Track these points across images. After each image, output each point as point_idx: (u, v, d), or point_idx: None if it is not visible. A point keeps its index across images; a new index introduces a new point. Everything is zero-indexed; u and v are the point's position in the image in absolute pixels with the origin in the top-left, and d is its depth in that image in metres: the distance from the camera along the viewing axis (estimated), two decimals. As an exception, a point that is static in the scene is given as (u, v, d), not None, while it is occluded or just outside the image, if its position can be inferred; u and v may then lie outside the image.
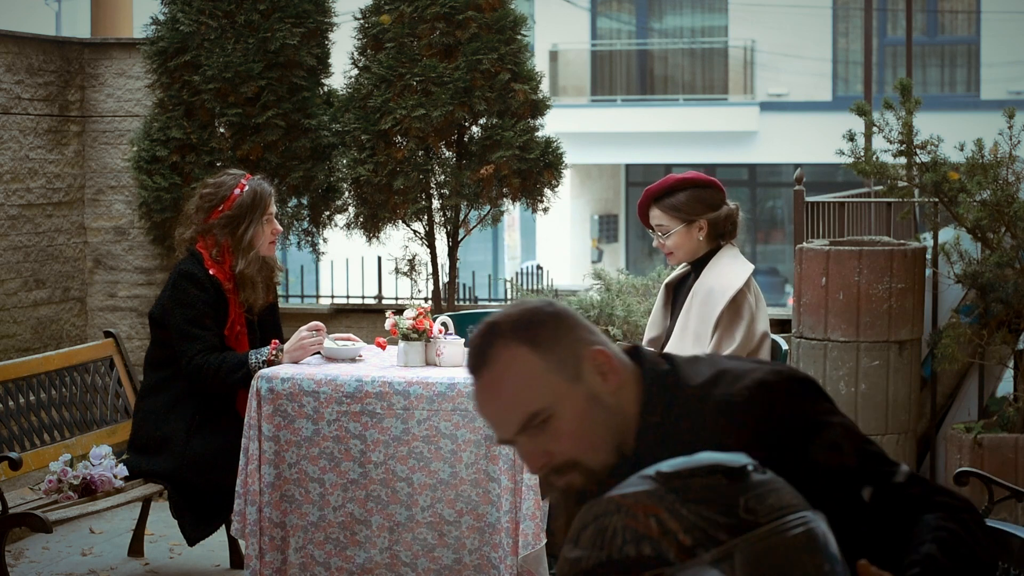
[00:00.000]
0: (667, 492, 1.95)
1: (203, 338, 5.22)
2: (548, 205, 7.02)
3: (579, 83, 23.46)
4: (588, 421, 2.35)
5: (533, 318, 2.39)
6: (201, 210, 5.38)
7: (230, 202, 5.35)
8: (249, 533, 4.90)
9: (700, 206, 5.00)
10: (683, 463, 1.99)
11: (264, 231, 5.39)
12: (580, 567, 1.96)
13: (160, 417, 5.34)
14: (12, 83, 6.84)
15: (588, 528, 1.98)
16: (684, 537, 1.90)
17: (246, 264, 5.33)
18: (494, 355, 2.35)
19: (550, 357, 2.35)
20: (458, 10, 6.73)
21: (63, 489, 5.28)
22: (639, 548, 1.92)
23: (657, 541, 1.91)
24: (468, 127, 6.93)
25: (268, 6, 6.83)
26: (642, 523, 1.92)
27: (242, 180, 5.40)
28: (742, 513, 1.92)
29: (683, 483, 1.95)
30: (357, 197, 6.96)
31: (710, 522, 1.91)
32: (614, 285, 7.00)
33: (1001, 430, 6.35)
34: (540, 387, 2.34)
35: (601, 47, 23.76)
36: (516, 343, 2.35)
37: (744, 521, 1.91)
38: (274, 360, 5.16)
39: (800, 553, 1.91)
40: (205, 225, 5.36)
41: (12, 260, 6.86)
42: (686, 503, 1.92)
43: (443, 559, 4.80)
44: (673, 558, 1.89)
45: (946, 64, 22.34)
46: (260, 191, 5.39)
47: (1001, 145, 6.42)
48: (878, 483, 2.36)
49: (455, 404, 4.77)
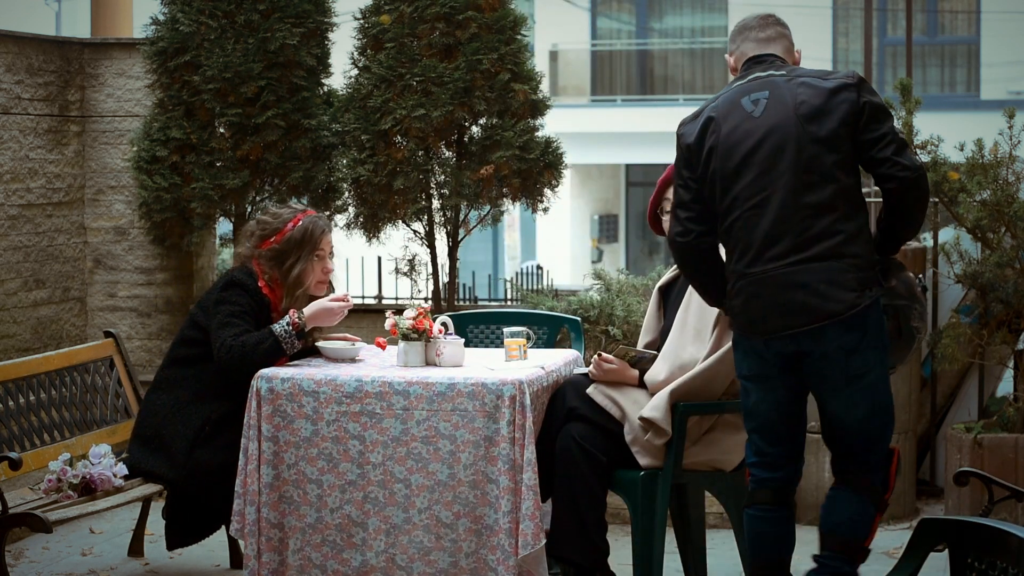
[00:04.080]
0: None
1: (240, 326, 5.16)
2: (548, 205, 7.02)
3: (579, 83, 23.46)
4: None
5: None
6: (255, 236, 5.34)
7: (281, 235, 5.29)
8: (248, 533, 4.90)
9: None
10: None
11: (314, 268, 5.30)
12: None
13: (169, 415, 5.31)
14: (12, 83, 6.84)
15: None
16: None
17: (292, 302, 5.25)
18: None
19: None
20: (458, 10, 6.73)
21: (63, 489, 5.28)
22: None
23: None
24: (468, 127, 6.93)
25: (268, 6, 6.83)
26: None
27: (299, 215, 5.34)
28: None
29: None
30: (357, 197, 6.96)
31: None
32: (614, 285, 7.00)
33: (1001, 430, 6.35)
34: None
35: (601, 47, 23.76)
36: None
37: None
38: (299, 324, 5.11)
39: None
40: (255, 252, 5.33)
41: (12, 260, 6.86)
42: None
43: (439, 563, 4.80)
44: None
45: (946, 64, 22.33)
46: (312, 228, 5.29)
47: (1001, 145, 6.43)
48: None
49: (455, 404, 4.77)
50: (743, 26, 4.70)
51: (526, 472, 4.69)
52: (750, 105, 4.49)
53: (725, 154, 4.47)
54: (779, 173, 4.41)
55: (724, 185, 4.47)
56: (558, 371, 5.14)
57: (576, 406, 4.96)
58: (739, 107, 4.50)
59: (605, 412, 4.93)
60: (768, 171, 4.42)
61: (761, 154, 4.43)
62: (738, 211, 4.45)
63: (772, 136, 4.42)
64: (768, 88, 4.49)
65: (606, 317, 6.66)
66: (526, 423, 4.71)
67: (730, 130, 4.48)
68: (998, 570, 2.83)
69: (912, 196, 4.44)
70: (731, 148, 4.47)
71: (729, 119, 4.50)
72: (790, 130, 4.41)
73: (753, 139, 4.45)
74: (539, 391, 4.91)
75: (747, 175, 4.45)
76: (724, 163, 4.47)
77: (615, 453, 4.91)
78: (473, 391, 4.76)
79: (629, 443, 4.89)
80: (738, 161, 4.46)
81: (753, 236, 4.42)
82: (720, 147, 4.48)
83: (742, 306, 4.46)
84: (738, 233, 4.45)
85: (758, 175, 4.43)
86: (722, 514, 6.25)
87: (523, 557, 4.71)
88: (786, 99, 4.45)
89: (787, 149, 4.40)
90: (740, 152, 4.46)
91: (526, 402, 4.73)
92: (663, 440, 4.85)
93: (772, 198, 4.41)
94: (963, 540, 2.94)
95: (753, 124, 4.46)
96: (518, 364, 5.04)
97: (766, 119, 4.45)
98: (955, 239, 6.78)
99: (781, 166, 4.41)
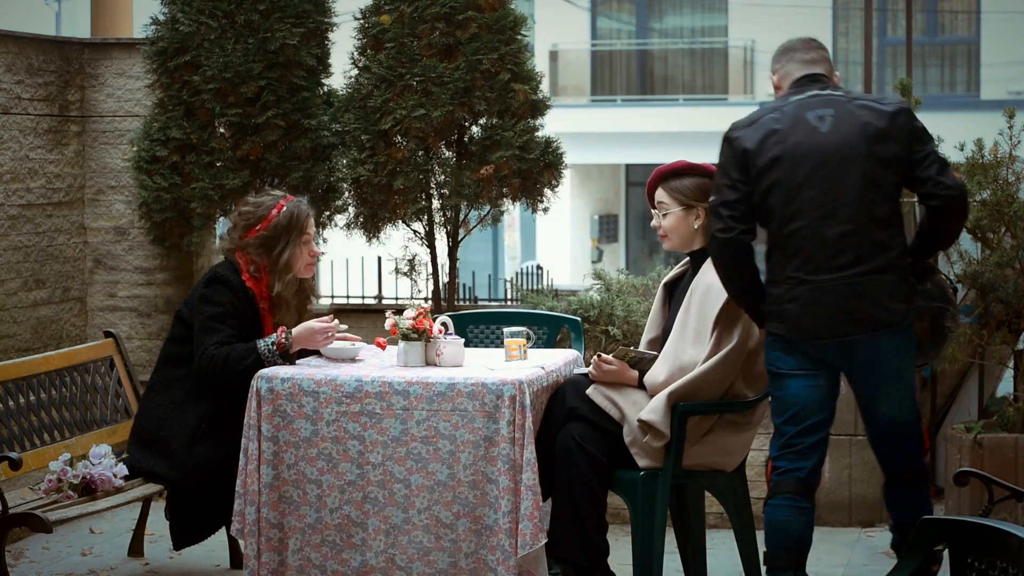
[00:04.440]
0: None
1: (222, 332, 5.20)
2: (548, 205, 7.02)
3: (579, 83, 23.46)
4: None
5: None
6: (238, 227, 5.37)
7: (267, 223, 5.33)
8: (248, 533, 4.90)
9: (701, 194, 5.02)
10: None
11: (302, 253, 5.36)
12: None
13: (165, 415, 5.33)
14: (12, 83, 6.84)
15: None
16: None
17: (283, 286, 5.31)
18: None
19: None
20: (458, 10, 6.73)
21: (63, 489, 5.28)
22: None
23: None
24: (468, 127, 6.93)
25: (268, 6, 6.83)
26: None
27: (281, 201, 5.38)
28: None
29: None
30: (357, 197, 6.96)
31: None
32: (614, 285, 7.00)
33: (1001, 430, 6.35)
34: None
35: (601, 47, 23.76)
36: None
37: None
38: (284, 344, 5.14)
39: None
40: (240, 243, 5.35)
41: (12, 260, 6.86)
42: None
43: (439, 563, 4.79)
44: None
45: (946, 64, 22.33)
46: (297, 213, 5.36)
47: (1001, 145, 6.43)
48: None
49: (455, 404, 4.77)
50: (788, 47, 4.98)
51: (526, 472, 4.69)
52: (816, 120, 4.77)
53: (792, 165, 4.73)
54: (847, 188, 4.71)
55: (789, 195, 4.73)
56: (558, 371, 5.14)
57: (576, 406, 4.96)
58: (804, 121, 4.77)
59: (605, 413, 4.93)
60: (835, 185, 4.71)
61: (828, 168, 4.72)
62: (803, 220, 4.71)
63: (840, 152, 4.72)
64: (832, 106, 4.79)
65: (606, 317, 6.66)
66: (526, 423, 4.71)
67: (797, 142, 4.74)
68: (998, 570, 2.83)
69: (955, 213, 4.81)
70: (799, 160, 4.73)
71: (795, 132, 4.76)
72: (859, 148, 4.72)
73: (821, 153, 4.72)
74: (539, 391, 4.91)
75: (814, 187, 4.71)
76: (791, 174, 4.73)
77: (615, 453, 4.91)
78: (473, 391, 4.76)
79: (628, 444, 4.89)
80: (806, 173, 4.72)
81: (819, 245, 4.70)
82: (787, 158, 4.73)
83: (799, 311, 4.72)
84: (801, 241, 4.72)
85: (826, 188, 4.71)
86: (722, 514, 6.25)
87: (523, 557, 4.71)
88: (852, 119, 4.75)
89: (854, 166, 4.71)
90: (808, 164, 4.72)
91: (526, 402, 4.73)
92: (662, 443, 4.85)
93: (839, 211, 4.70)
94: (963, 540, 2.94)
95: (821, 139, 4.74)
96: (518, 364, 5.04)
97: (833, 136, 4.74)
98: (955, 239, 6.78)
99: (849, 181, 4.71)
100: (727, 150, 4.81)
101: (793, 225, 4.73)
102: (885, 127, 4.73)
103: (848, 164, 4.72)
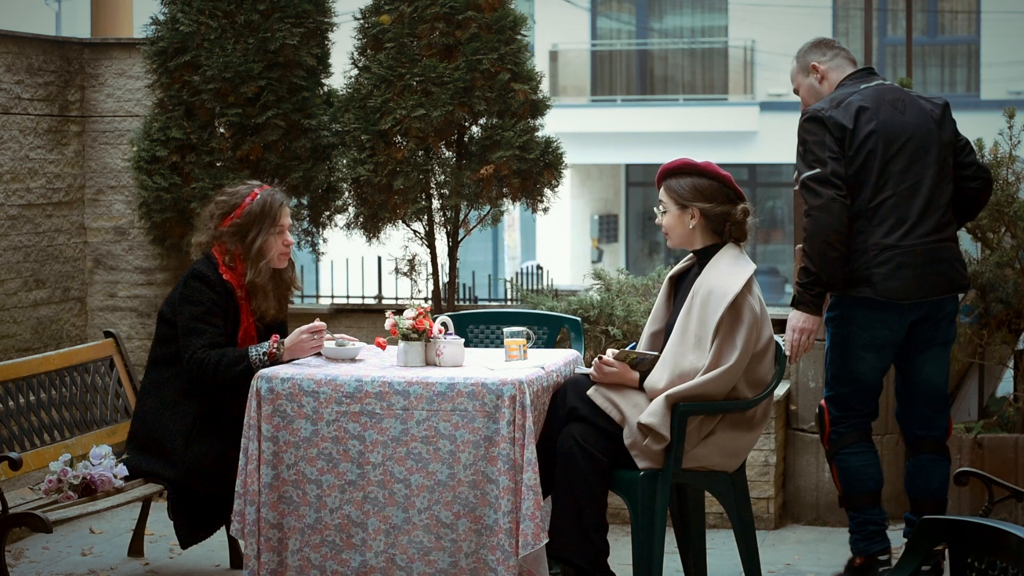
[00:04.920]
0: None
1: (208, 333, 5.23)
2: (548, 205, 7.02)
3: (579, 83, 23.46)
4: None
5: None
6: (214, 217, 5.41)
7: (240, 210, 5.37)
8: (248, 533, 4.90)
9: (696, 195, 5.02)
10: None
11: (275, 242, 5.38)
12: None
13: (159, 417, 5.34)
14: (12, 83, 6.84)
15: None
16: None
17: (256, 274, 5.34)
18: None
19: None
20: (458, 10, 6.73)
21: (63, 489, 5.28)
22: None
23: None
24: (468, 127, 6.93)
25: (268, 6, 6.83)
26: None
27: (255, 190, 5.42)
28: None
29: None
30: (357, 197, 6.96)
31: None
32: (614, 285, 7.00)
33: (1001, 430, 6.35)
34: None
35: (601, 47, 23.76)
36: None
37: None
38: (275, 354, 5.16)
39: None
40: (216, 232, 5.38)
41: (12, 260, 6.86)
42: None
43: (439, 563, 4.79)
44: None
45: (946, 64, 22.33)
46: (270, 201, 5.39)
47: (1001, 145, 6.42)
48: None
49: (455, 404, 4.77)
50: (824, 42, 5.61)
51: (526, 472, 4.69)
52: (894, 104, 5.37)
53: (886, 139, 5.29)
54: (926, 164, 5.32)
55: (881, 166, 5.28)
56: (558, 371, 5.13)
57: (576, 406, 4.96)
58: (886, 104, 5.36)
59: (605, 414, 4.93)
60: (917, 161, 5.31)
61: (912, 146, 5.31)
62: (891, 190, 5.27)
63: (919, 134, 5.33)
64: (902, 95, 5.41)
65: (606, 317, 6.66)
66: (526, 423, 4.71)
67: (886, 119, 5.32)
68: (998, 570, 2.83)
69: (988, 193, 5.56)
70: (891, 135, 5.30)
71: (882, 111, 5.33)
72: (932, 133, 5.35)
73: (906, 133, 5.32)
74: (539, 391, 4.91)
75: (901, 161, 5.29)
76: (885, 147, 5.29)
77: (615, 453, 4.90)
78: (473, 391, 4.76)
79: (628, 447, 4.88)
80: (897, 148, 5.30)
81: (908, 213, 5.26)
82: (881, 132, 5.29)
83: (889, 274, 5.23)
84: (889, 210, 5.26)
85: (910, 163, 5.30)
86: (722, 514, 6.25)
87: (523, 557, 4.71)
88: (919, 107, 5.39)
89: (931, 146, 5.34)
90: (898, 140, 5.30)
91: (526, 402, 4.73)
92: (662, 446, 4.84)
93: (922, 184, 5.30)
94: (963, 540, 2.94)
95: (903, 120, 5.34)
96: (518, 364, 5.04)
97: (911, 119, 5.34)
98: (955, 239, 6.78)
99: (927, 159, 5.32)
100: (819, 129, 5.28)
101: (882, 195, 5.25)
102: (942, 117, 5.40)
103: (927, 143, 5.33)
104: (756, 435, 5.06)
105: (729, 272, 4.95)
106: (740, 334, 4.87)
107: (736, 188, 5.06)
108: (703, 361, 4.86)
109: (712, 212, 5.01)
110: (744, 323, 4.88)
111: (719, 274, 4.96)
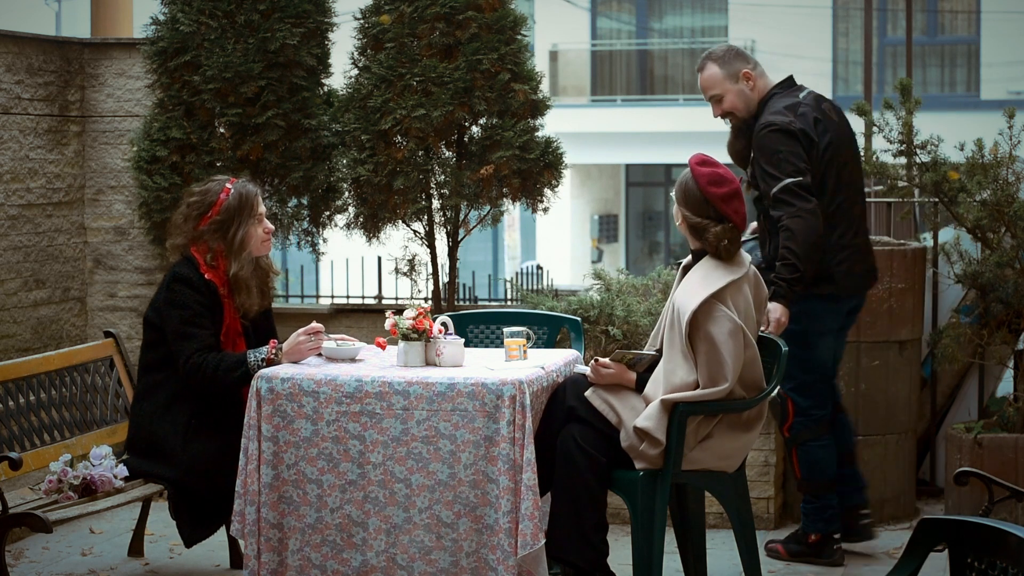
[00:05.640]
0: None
1: (200, 337, 5.23)
2: (548, 205, 7.02)
3: (579, 83, 23.46)
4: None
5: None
6: (190, 219, 5.41)
7: (218, 207, 5.37)
8: (248, 533, 4.90)
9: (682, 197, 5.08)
10: None
11: (255, 231, 5.40)
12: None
13: (155, 420, 5.34)
14: (12, 83, 6.84)
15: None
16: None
17: (240, 266, 5.35)
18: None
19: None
20: (458, 10, 6.73)
21: (63, 489, 5.28)
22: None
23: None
24: (468, 127, 6.93)
25: (268, 6, 6.83)
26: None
27: (227, 184, 5.42)
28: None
29: None
30: (357, 197, 6.96)
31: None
32: (614, 285, 7.00)
33: (1001, 430, 6.35)
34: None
35: (601, 47, 23.76)
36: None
37: None
38: (273, 359, 5.16)
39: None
40: (196, 232, 5.38)
41: (12, 260, 6.86)
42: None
43: (440, 562, 4.79)
44: None
45: (946, 64, 22.33)
46: (246, 193, 5.40)
47: (1001, 145, 6.42)
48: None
49: (455, 404, 4.77)
50: (741, 51, 5.99)
51: (526, 472, 4.69)
52: (832, 112, 5.82)
53: (838, 147, 5.75)
54: (859, 167, 5.91)
55: (837, 172, 5.74)
56: (558, 371, 5.14)
57: (575, 406, 4.96)
58: (830, 113, 5.81)
59: (603, 415, 4.92)
60: (856, 164, 5.86)
61: (851, 151, 5.84)
62: (844, 194, 5.74)
63: (851, 138, 5.86)
64: (830, 103, 5.88)
65: (606, 317, 6.65)
66: (526, 423, 4.71)
67: (835, 129, 5.77)
68: (998, 570, 2.83)
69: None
70: (841, 143, 5.77)
71: (829, 121, 5.77)
72: (853, 135, 5.91)
73: (847, 140, 5.83)
74: (539, 391, 4.91)
75: (848, 166, 5.79)
76: (837, 155, 5.74)
77: (615, 454, 4.90)
78: (473, 391, 4.76)
79: (625, 449, 4.88)
80: (846, 154, 5.79)
81: (854, 214, 5.80)
82: (835, 141, 5.74)
83: (848, 271, 5.74)
84: (843, 212, 5.73)
85: (853, 167, 5.83)
86: (722, 514, 6.25)
87: (523, 557, 4.71)
88: (842, 113, 5.89)
89: (857, 150, 5.93)
90: (845, 147, 5.79)
91: (526, 402, 4.73)
92: (658, 450, 4.83)
93: (860, 186, 5.89)
94: (963, 540, 2.94)
95: (844, 128, 5.84)
96: (518, 364, 5.04)
97: (844, 126, 5.85)
98: (955, 239, 6.78)
99: (858, 162, 5.91)
100: (789, 139, 5.62)
101: (838, 199, 5.72)
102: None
103: (855, 146, 5.88)
104: (753, 436, 5.06)
105: (699, 286, 4.89)
106: (722, 348, 4.82)
107: (721, 209, 4.93)
108: (693, 376, 4.85)
109: (690, 220, 5.00)
110: (718, 337, 4.83)
111: (686, 289, 4.94)
